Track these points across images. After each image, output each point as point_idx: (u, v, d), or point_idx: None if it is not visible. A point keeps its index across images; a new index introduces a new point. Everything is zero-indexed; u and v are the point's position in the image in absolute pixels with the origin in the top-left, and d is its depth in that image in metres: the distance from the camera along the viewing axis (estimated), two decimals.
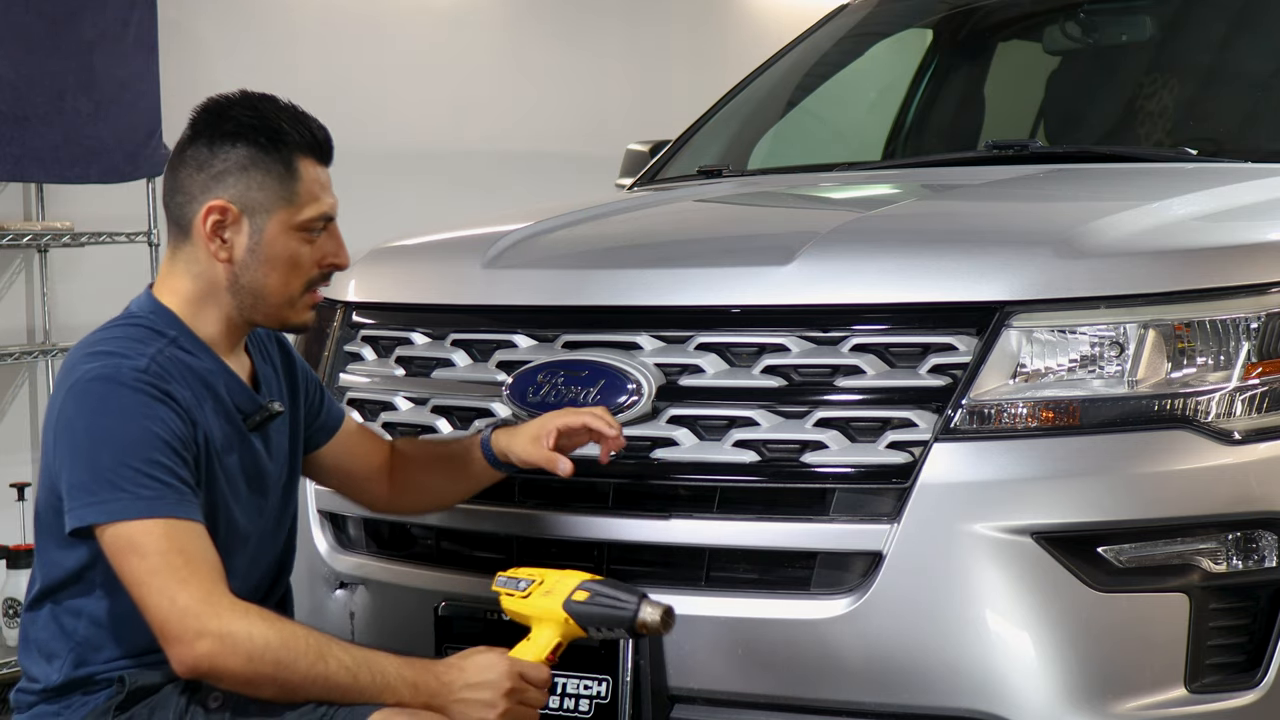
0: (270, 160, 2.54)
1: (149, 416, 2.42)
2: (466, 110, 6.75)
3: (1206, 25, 4.29)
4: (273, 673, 2.36)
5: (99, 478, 2.40)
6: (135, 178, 5.29)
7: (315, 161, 2.58)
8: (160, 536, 2.38)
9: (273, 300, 2.57)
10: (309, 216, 2.56)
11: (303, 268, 2.57)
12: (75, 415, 2.44)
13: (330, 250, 2.60)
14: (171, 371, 2.48)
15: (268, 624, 2.37)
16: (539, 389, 2.90)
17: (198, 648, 2.35)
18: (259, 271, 2.55)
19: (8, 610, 4.87)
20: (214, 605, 2.36)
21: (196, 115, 2.61)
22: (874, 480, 2.67)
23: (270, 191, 2.54)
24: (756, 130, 4.50)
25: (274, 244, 2.55)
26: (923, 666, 2.61)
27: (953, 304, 2.72)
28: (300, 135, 2.57)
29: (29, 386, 5.43)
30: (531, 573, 2.61)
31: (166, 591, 2.36)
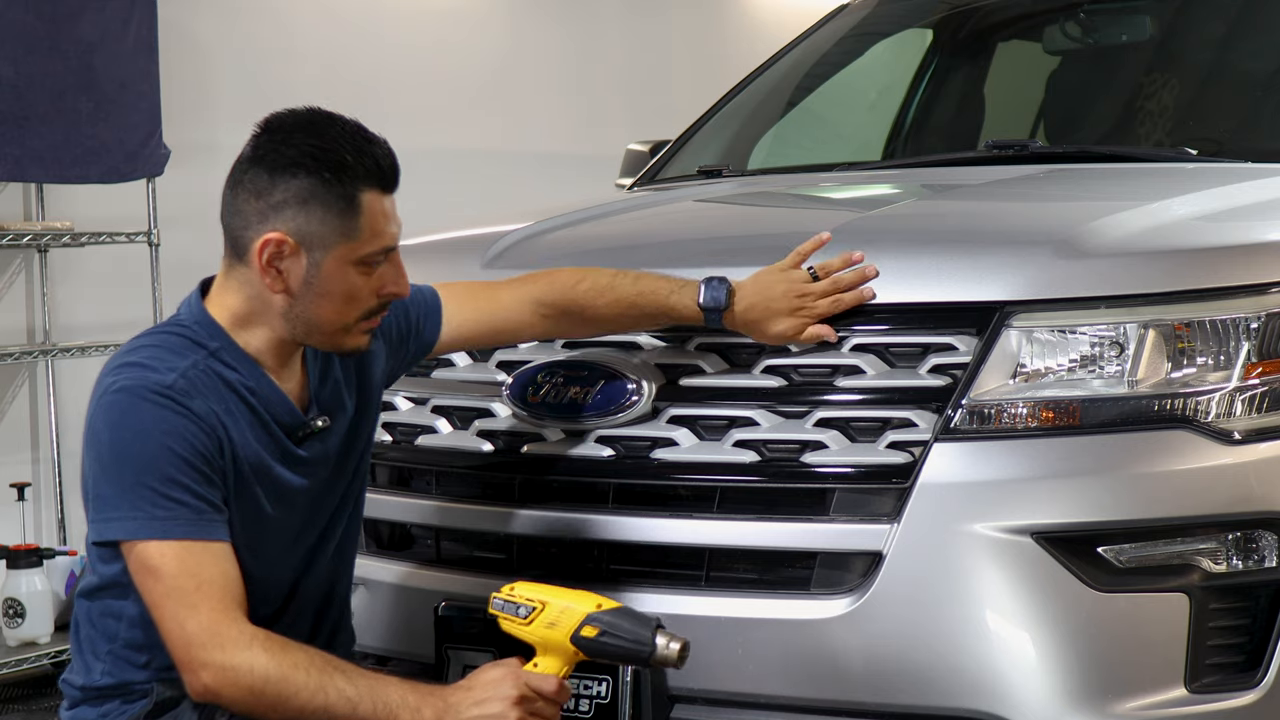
0: (332, 195, 2.45)
1: (168, 433, 2.40)
2: (466, 110, 6.75)
3: (1206, 25, 4.28)
4: (273, 704, 2.36)
5: (120, 494, 2.40)
6: (135, 178, 5.29)
7: (380, 192, 2.51)
8: (172, 559, 2.38)
9: (327, 329, 2.52)
10: (369, 251, 2.50)
11: (360, 299, 2.52)
12: (101, 428, 2.43)
13: (390, 279, 2.54)
14: (200, 386, 2.45)
15: (269, 656, 2.36)
16: (539, 389, 2.90)
17: (202, 677, 2.37)
18: (314, 303, 2.49)
19: (7, 610, 4.87)
20: (218, 635, 2.36)
21: (259, 135, 2.50)
22: (874, 480, 2.67)
23: (331, 226, 2.46)
24: (756, 130, 4.50)
25: (331, 278, 2.48)
26: (923, 666, 2.61)
27: (953, 304, 2.72)
28: (365, 166, 2.48)
29: (29, 386, 5.42)
30: (531, 594, 2.50)
31: (176, 617, 2.37)
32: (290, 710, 2.36)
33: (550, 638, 2.47)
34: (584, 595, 2.49)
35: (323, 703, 2.36)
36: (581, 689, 2.77)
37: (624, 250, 3.23)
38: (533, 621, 2.48)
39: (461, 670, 2.86)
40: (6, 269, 5.40)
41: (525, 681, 2.42)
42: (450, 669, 2.89)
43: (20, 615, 4.84)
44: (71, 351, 5.18)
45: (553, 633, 2.46)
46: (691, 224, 3.61)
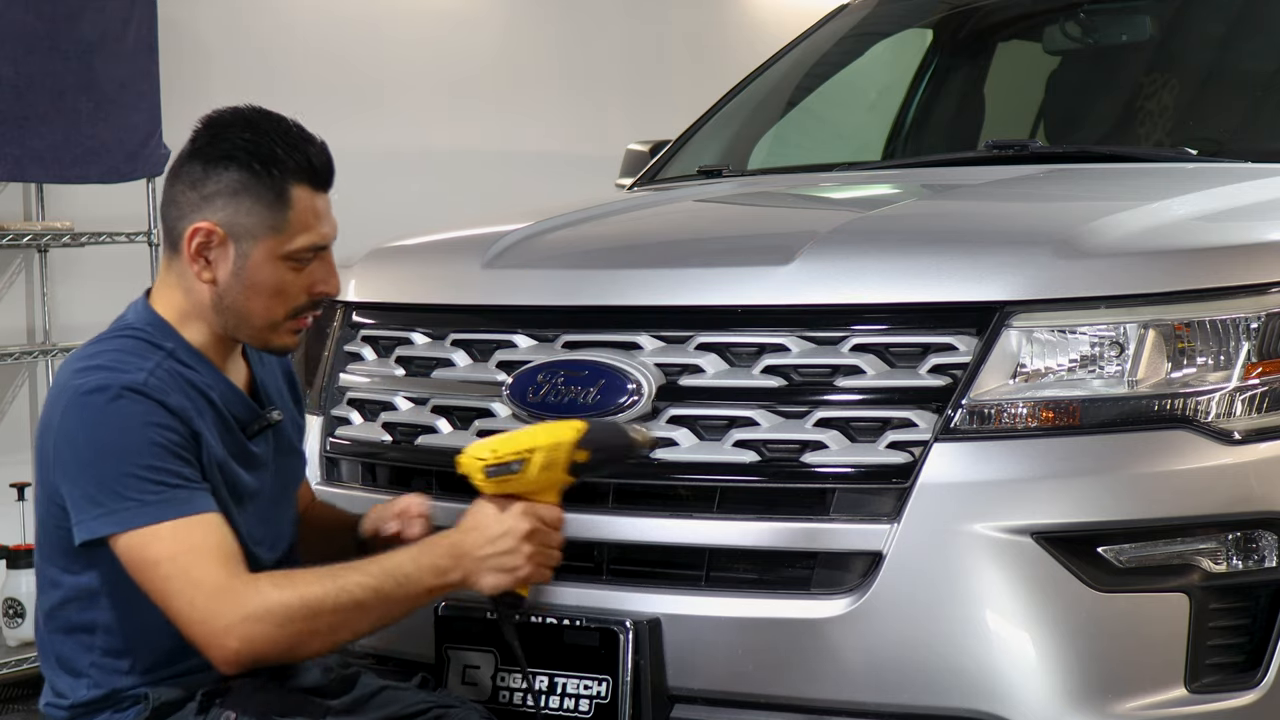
0: (262, 187, 2.50)
1: (149, 425, 2.42)
2: (466, 110, 6.75)
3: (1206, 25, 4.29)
4: (307, 627, 2.38)
5: (105, 489, 2.40)
6: (135, 178, 5.29)
7: (311, 189, 2.53)
8: (170, 539, 2.39)
9: (255, 324, 2.55)
10: (297, 247, 2.53)
11: (288, 295, 2.55)
12: (76, 428, 2.44)
13: (320, 278, 2.57)
14: (170, 384, 2.47)
15: (279, 587, 2.39)
16: (539, 389, 2.90)
17: (229, 644, 2.37)
18: (242, 295, 2.53)
19: (7, 610, 4.87)
20: (228, 595, 2.37)
21: (197, 130, 2.56)
22: (874, 480, 2.67)
23: (259, 218, 2.50)
24: (756, 130, 4.50)
25: (259, 270, 2.52)
26: (923, 666, 2.61)
27: (953, 304, 2.72)
28: (296, 161, 2.51)
29: (29, 386, 5.42)
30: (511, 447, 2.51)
31: (184, 596, 2.38)
32: (324, 627, 2.39)
33: (548, 479, 2.52)
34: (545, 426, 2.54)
35: (349, 600, 2.40)
36: (581, 689, 2.77)
37: (624, 250, 3.23)
38: (527, 471, 2.51)
39: (462, 671, 2.86)
40: (6, 269, 5.40)
41: (533, 513, 2.50)
42: (450, 669, 2.89)
43: (20, 615, 4.84)
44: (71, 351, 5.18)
45: (549, 473, 2.52)
46: (691, 224, 3.61)
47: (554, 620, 2.81)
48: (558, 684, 2.79)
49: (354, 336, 3.24)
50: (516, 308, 3.06)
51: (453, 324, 3.11)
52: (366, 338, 3.22)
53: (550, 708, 2.79)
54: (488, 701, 2.83)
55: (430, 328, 3.13)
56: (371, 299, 3.26)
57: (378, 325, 3.23)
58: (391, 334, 3.19)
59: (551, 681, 2.79)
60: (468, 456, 2.56)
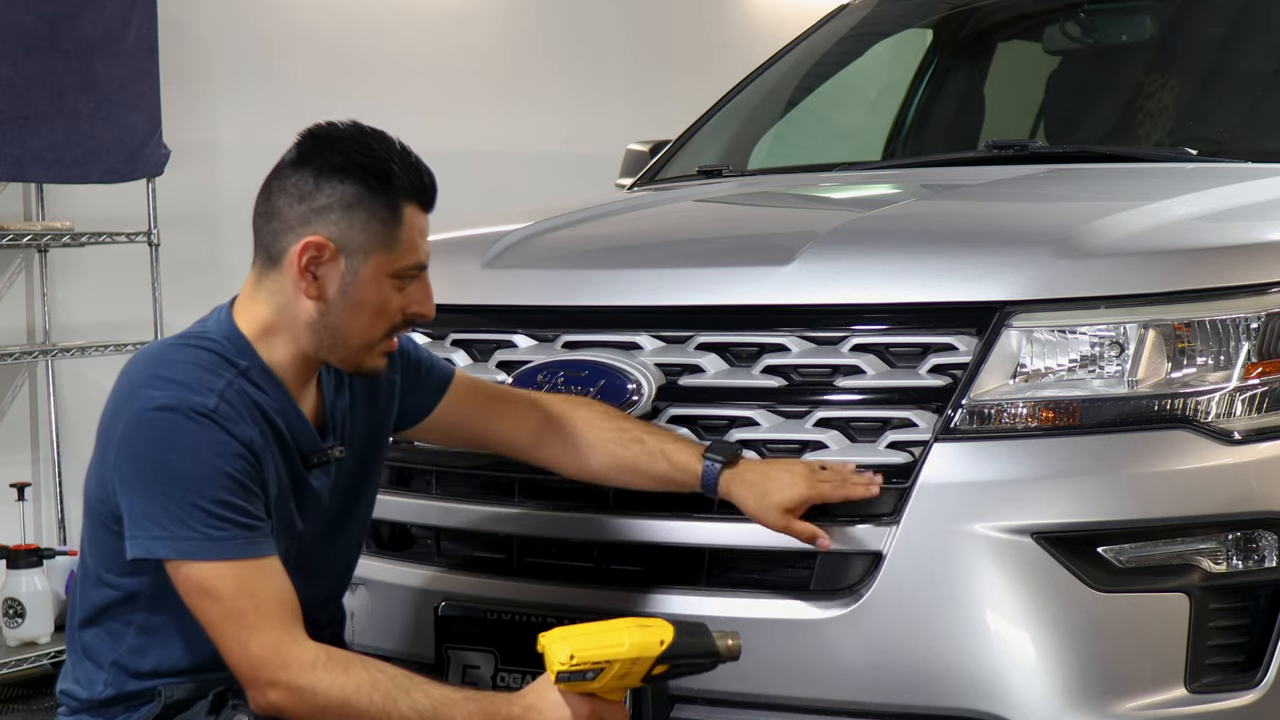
0: (376, 203, 2.45)
1: (219, 454, 2.38)
2: (466, 110, 6.75)
3: (1206, 25, 4.29)
4: None
5: (169, 513, 2.36)
6: (135, 178, 5.28)
7: (419, 209, 2.51)
8: (231, 580, 2.36)
9: (353, 343, 2.50)
10: (406, 264, 2.49)
11: (388, 314, 2.50)
12: (143, 446, 2.38)
13: (417, 298, 2.53)
14: (240, 410, 2.42)
15: (333, 677, 2.35)
16: (539, 389, 2.90)
17: (270, 696, 2.36)
18: (346, 313, 2.48)
19: (7, 610, 4.87)
20: (281, 655, 2.35)
21: (305, 140, 2.49)
22: None
23: (372, 234, 2.45)
24: (756, 130, 4.50)
25: (366, 287, 2.47)
26: (923, 666, 2.61)
27: (953, 304, 2.72)
28: (410, 180, 2.48)
29: (29, 386, 5.42)
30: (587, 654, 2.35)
31: (239, 638, 2.36)
32: None
33: (619, 685, 2.41)
34: (631, 631, 2.38)
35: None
36: None
37: (624, 250, 3.23)
38: (601, 680, 2.39)
39: (462, 671, 2.86)
40: (6, 269, 5.40)
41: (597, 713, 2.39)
42: (450, 669, 2.89)
43: (20, 615, 4.84)
44: (71, 351, 5.18)
45: (625, 681, 2.40)
46: (691, 224, 3.61)
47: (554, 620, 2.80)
48: None
49: None
50: (516, 308, 3.06)
51: (453, 324, 3.11)
52: None
53: None
54: None
55: (430, 328, 3.13)
56: None
57: None
58: None
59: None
60: (550, 647, 2.38)
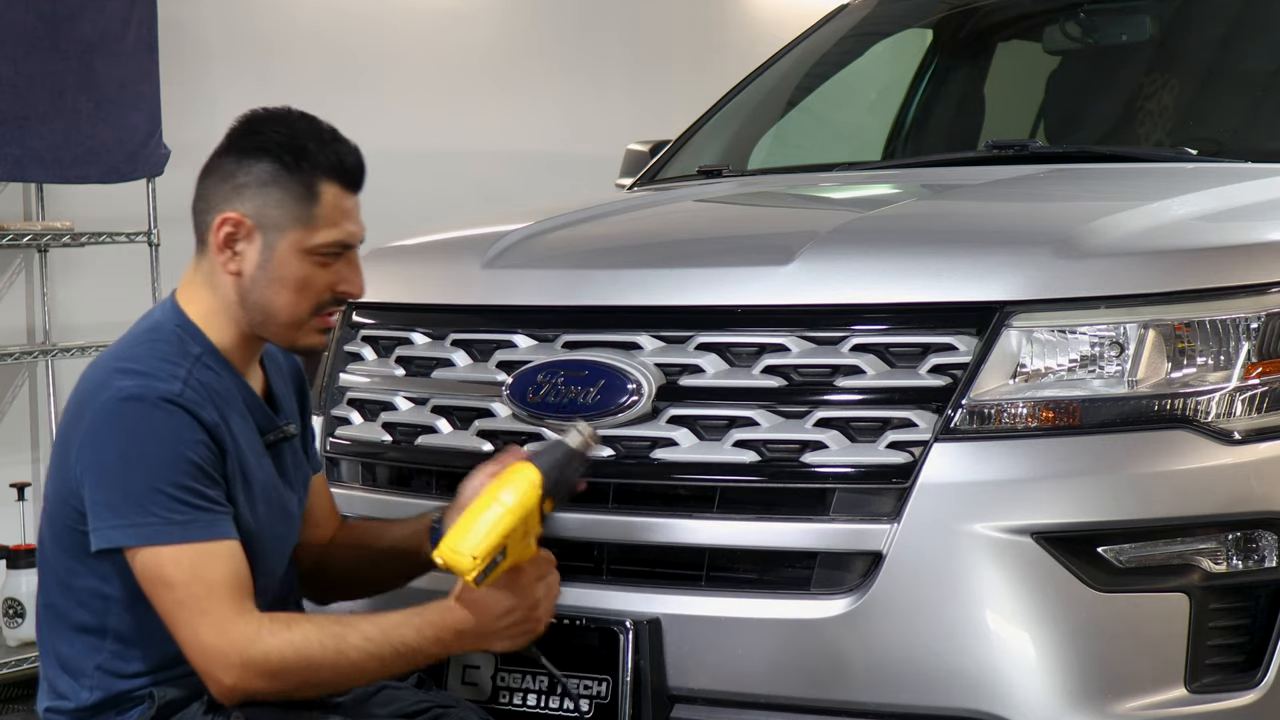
0: (291, 180, 2.51)
1: (182, 441, 2.42)
2: (467, 110, 6.75)
3: (1206, 25, 4.29)
4: (302, 680, 2.41)
5: (130, 500, 2.40)
6: (135, 178, 5.28)
7: (341, 188, 2.54)
8: (188, 566, 2.39)
9: (281, 319, 2.55)
10: (322, 241, 2.53)
11: (312, 291, 2.54)
12: (106, 434, 2.43)
13: (344, 277, 2.57)
14: (202, 395, 2.47)
15: (280, 638, 2.39)
16: (539, 389, 2.90)
17: (225, 681, 2.40)
18: (269, 290, 2.53)
19: (8, 610, 4.87)
20: (230, 636, 2.38)
21: (232, 126, 2.58)
22: (874, 480, 2.67)
23: (287, 211, 2.51)
24: (756, 130, 4.50)
25: (284, 264, 2.52)
26: (923, 666, 2.61)
27: (953, 304, 2.72)
28: (326, 157, 2.52)
29: (29, 386, 5.42)
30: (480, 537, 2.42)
31: (191, 625, 2.39)
32: (322, 680, 2.42)
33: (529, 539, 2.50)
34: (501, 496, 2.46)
35: (347, 662, 2.41)
36: (581, 689, 2.77)
37: (624, 250, 3.23)
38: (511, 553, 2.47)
39: (462, 671, 2.86)
40: (6, 269, 5.40)
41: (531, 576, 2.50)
42: (450, 669, 2.89)
43: (20, 615, 4.84)
44: (71, 351, 5.18)
45: (530, 536, 2.50)
46: (691, 224, 3.61)
47: (554, 620, 2.80)
48: (558, 684, 2.78)
49: (354, 336, 3.24)
50: (516, 308, 3.05)
51: (453, 324, 3.11)
52: (366, 338, 3.22)
53: (550, 708, 2.79)
54: (488, 701, 2.83)
55: (430, 328, 3.13)
56: (371, 299, 3.25)
57: (378, 325, 3.23)
58: (391, 334, 3.19)
59: (551, 681, 2.79)
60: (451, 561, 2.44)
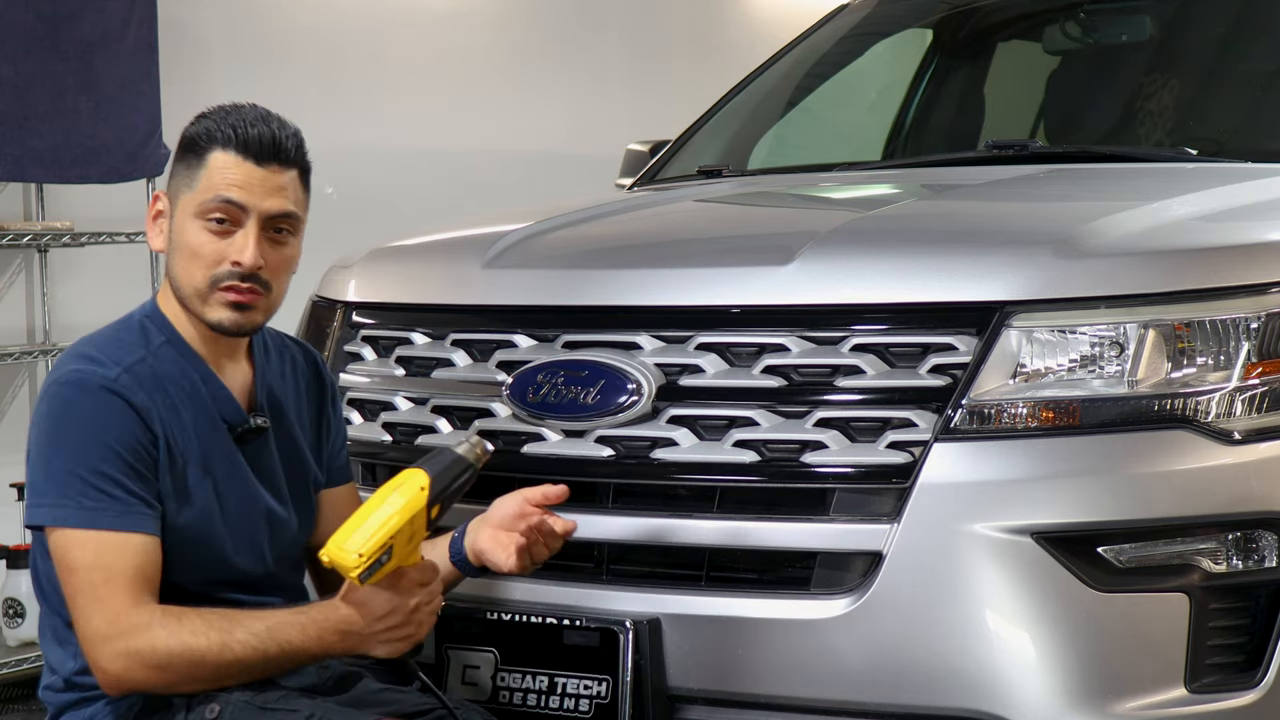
0: (188, 152, 2.59)
1: (105, 427, 2.46)
2: (466, 110, 6.75)
3: (1206, 25, 4.29)
4: (187, 674, 2.43)
5: (50, 481, 2.46)
6: (135, 178, 5.28)
7: (236, 155, 2.55)
8: (90, 552, 2.42)
9: (184, 290, 2.57)
10: (203, 200, 2.55)
11: (204, 258, 2.55)
12: (41, 416, 2.50)
13: (238, 246, 2.55)
14: (145, 381, 2.51)
15: (167, 630, 2.41)
16: (539, 389, 2.90)
17: (111, 669, 2.42)
18: (175, 261, 2.59)
19: (7, 610, 4.87)
20: (118, 625, 2.41)
21: None
22: (874, 480, 2.67)
23: (180, 179, 2.59)
24: (756, 130, 4.50)
25: (181, 231, 2.57)
26: (923, 666, 2.61)
27: (953, 304, 2.72)
28: (223, 130, 2.56)
29: (29, 386, 5.42)
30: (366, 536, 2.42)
31: (85, 611, 2.43)
32: (206, 675, 2.43)
33: (412, 547, 2.50)
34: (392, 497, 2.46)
35: (232, 658, 2.43)
36: (581, 689, 2.77)
37: (624, 250, 3.23)
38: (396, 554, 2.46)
39: (462, 671, 2.86)
40: (6, 269, 5.40)
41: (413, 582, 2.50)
42: (450, 669, 2.89)
43: (20, 615, 4.84)
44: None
45: (416, 539, 2.49)
46: (691, 224, 3.61)
47: (554, 620, 2.81)
48: (558, 684, 2.79)
49: (354, 336, 3.24)
50: (516, 308, 3.06)
51: (453, 324, 3.11)
52: (366, 338, 3.22)
53: (550, 708, 2.79)
54: (488, 701, 2.83)
55: (430, 328, 3.13)
56: (371, 299, 3.26)
57: (378, 325, 3.23)
58: (391, 334, 3.19)
59: (551, 681, 2.80)
60: (336, 558, 2.44)
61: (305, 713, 2.48)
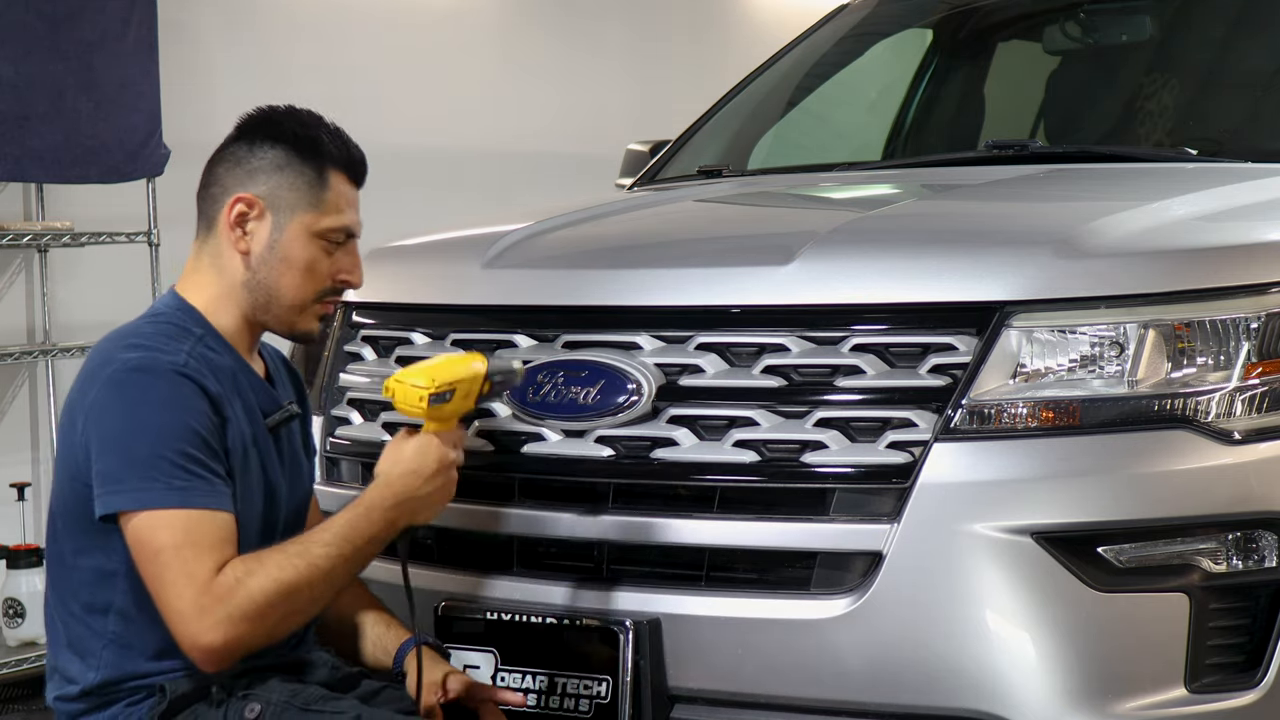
0: (304, 165, 2.61)
1: (186, 410, 2.47)
2: (466, 110, 6.75)
3: (1206, 25, 4.29)
4: (286, 610, 2.44)
5: (133, 467, 2.44)
6: (135, 178, 5.28)
7: (347, 179, 2.65)
8: (181, 530, 2.42)
9: (284, 302, 2.61)
10: (330, 225, 2.62)
11: (317, 275, 2.62)
12: (111, 403, 2.47)
13: (346, 266, 2.66)
14: (205, 368, 2.53)
15: (256, 578, 2.42)
16: (539, 389, 2.90)
17: (214, 641, 2.40)
18: (275, 270, 2.60)
19: (7, 610, 4.87)
20: (213, 593, 2.40)
21: (243, 118, 2.68)
22: (874, 480, 2.67)
23: (299, 194, 2.60)
24: (756, 130, 4.50)
25: (292, 245, 2.60)
26: (923, 666, 2.61)
27: (953, 304, 2.72)
28: (337, 150, 2.63)
29: (29, 386, 5.42)
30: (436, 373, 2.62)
31: (176, 587, 2.41)
32: (302, 604, 2.45)
33: (463, 408, 2.64)
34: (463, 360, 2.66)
35: (320, 576, 2.46)
36: (581, 689, 2.77)
37: (624, 250, 3.23)
38: (454, 400, 2.62)
39: (462, 670, 2.86)
40: (6, 269, 5.40)
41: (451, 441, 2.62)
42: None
43: (20, 615, 4.84)
44: (71, 351, 5.18)
45: (466, 403, 2.64)
46: (691, 224, 3.61)
47: (554, 620, 2.81)
48: (558, 684, 2.79)
49: (354, 336, 3.24)
50: (516, 308, 3.06)
51: (453, 324, 3.11)
52: (366, 338, 3.22)
53: (550, 708, 2.79)
54: None
55: (430, 328, 3.13)
56: (371, 299, 3.26)
57: (378, 325, 3.23)
58: (391, 334, 3.19)
59: (551, 681, 2.80)
60: (402, 384, 2.62)
61: (351, 714, 2.48)
